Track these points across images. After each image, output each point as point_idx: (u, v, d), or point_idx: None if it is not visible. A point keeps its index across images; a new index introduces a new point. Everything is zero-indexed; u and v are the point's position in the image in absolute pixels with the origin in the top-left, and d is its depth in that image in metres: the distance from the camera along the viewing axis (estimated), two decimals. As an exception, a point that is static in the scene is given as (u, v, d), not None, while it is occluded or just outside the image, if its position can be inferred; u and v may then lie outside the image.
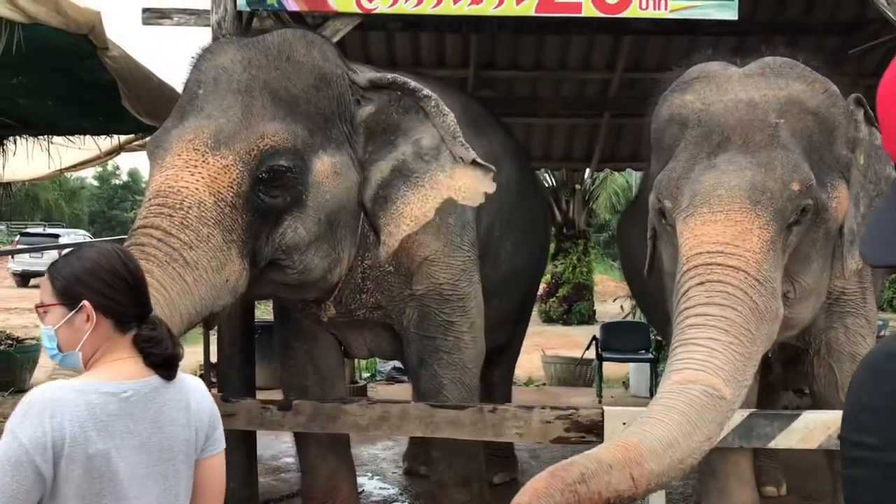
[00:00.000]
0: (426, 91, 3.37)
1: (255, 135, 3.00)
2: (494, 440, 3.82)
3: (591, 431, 3.43)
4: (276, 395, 4.02)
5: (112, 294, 1.67)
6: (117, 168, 39.88)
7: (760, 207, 2.92)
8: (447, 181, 3.29)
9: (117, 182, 40.81)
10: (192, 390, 1.78)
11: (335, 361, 4.03)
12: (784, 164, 2.99)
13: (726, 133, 3.10)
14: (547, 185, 13.54)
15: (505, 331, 4.91)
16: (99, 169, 38.17)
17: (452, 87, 5.43)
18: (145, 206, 2.90)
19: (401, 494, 5.23)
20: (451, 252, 3.67)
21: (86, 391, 1.61)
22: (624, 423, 3.35)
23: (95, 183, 41.49)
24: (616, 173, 16.29)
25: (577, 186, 13.93)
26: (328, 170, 3.17)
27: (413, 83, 3.40)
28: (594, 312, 15.83)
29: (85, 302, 1.65)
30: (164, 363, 1.70)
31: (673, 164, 3.19)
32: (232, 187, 2.92)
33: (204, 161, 2.92)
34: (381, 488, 5.31)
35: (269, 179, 3.00)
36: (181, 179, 2.88)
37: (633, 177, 16.67)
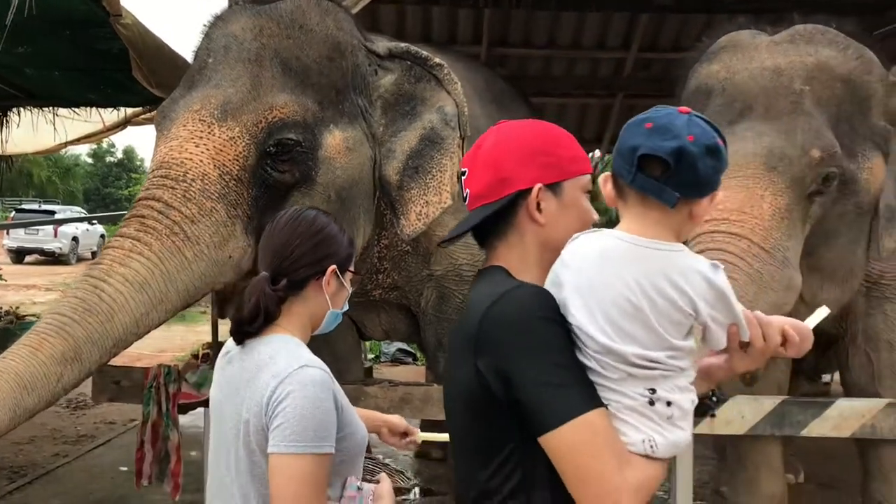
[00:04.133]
0: (437, 59, 3.29)
1: (264, 106, 2.88)
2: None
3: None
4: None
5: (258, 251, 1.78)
6: (112, 145, 39.67)
7: (776, 174, 2.82)
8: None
9: (112, 159, 40.55)
10: (269, 366, 1.60)
11: (352, 343, 3.95)
12: (805, 130, 2.89)
13: (749, 101, 3.02)
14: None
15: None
16: (94, 146, 38.00)
17: (475, 60, 5.31)
18: (148, 177, 2.82)
19: (414, 477, 5.15)
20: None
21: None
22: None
23: (90, 160, 41.25)
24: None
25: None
26: (340, 145, 3.04)
27: (424, 52, 3.31)
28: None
29: None
30: (231, 323, 1.71)
31: None
32: (238, 160, 2.81)
33: (210, 132, 2.81)
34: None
35: (276, 153, 2.88)
36: (185, 151, 2.78)
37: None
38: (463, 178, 1.47)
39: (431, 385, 3.61)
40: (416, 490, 4.87)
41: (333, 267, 1.72)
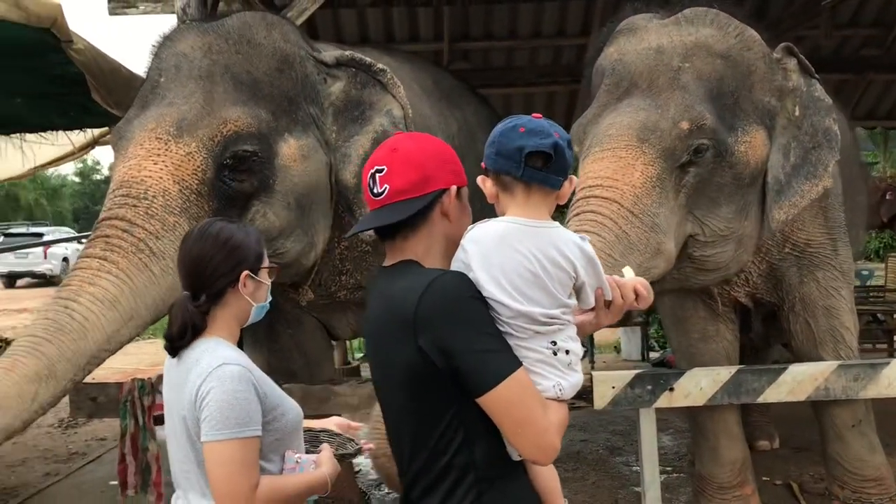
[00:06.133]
0: (380, 65, 3.38)
1: (218, 120, 2.96)
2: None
3: (581, 397, 3.43)
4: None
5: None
6: (97, 163, 39.66)
7: (647, 145, 2.97)
8: None
9: (98, 177, 40.51)
10: (195, 368, 1.78)
11: (321, 344, 4.01)
12: (678, 104, 3.03)
13: (634, 79, 3.16)
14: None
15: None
16: (79, 165, 37.99)
17: (424, 59, 5.39)
18: (109, 197, 2.86)
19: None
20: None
21: None
22: (613, 387, 3.38)
23: (77, 179, 41.24)
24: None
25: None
26: (295, 153, 3.12)
27: (367, 59, 3.39)
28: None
29: None
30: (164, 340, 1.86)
31: (586, 111, 3.26)
32: (196, 174, 2.88)
33: (167, 149, 2.88)
34: (377, 466, 5.33)
35: (234, 165, 2.95)
36: (144, 169, 2.84)
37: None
38: (379, 174, 1.59)
39: (398, 379, 3.70)
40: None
41: (246, 273, 1.86)
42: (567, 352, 1.55)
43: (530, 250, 1.52)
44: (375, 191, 1.61)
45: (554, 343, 1.54)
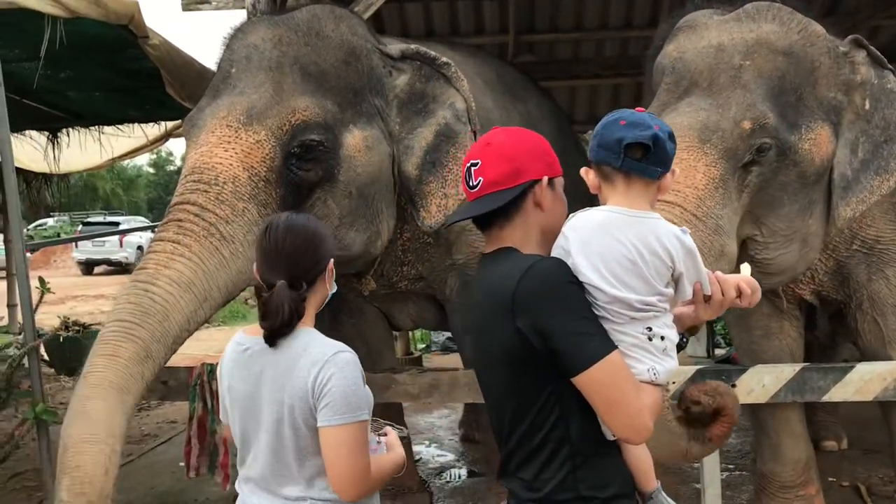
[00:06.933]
0: (444, 58, 3.41)
1: (287, 110, 3.02)
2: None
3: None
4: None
5: (260, 261, 1.94)
6: (171, 154, 40.66)
7: (709, 146, 2.91)
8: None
9: (172, 168, 41.57)
10: (303, 357, 1.85)
11: (383, 333, 4.08)
12: (739, 103, 2.97)
13: (694, 78, 3.11)
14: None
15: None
16: (153, 156, 39.02)
17: (487, 53, 5.41)
18: (181, 182, 2.95)
19: (457, 461, 5.31)
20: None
21: (235, 339, 2.00)
22: (674, 382, 3.36)
23: (151, 170, 42.37)
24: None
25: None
26: (359, 143, 3.18)
27: (432, 52, 3.43)
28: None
29: (254, 265, 1.98)
30: (263, 331, 1.89)
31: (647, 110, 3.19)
32: (265, 162, 2.95)
33: (237, 137, 2.95)
34: (438, 455, 5.41)
35: (300, 154, 3.01)
36: (215, 156, 2.92)
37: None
38: (474, 168, 1.70)
39: (458, 370, 3.74)
40: (463, 471, 5.03)
41: (332, 261, 1.97)
42: (662, 338, 1.61)
43: (629, 239, 1.59)
44: (471, 183, 1.71)
45: (649, 329, 1.61)
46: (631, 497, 1.71)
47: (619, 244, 1.59)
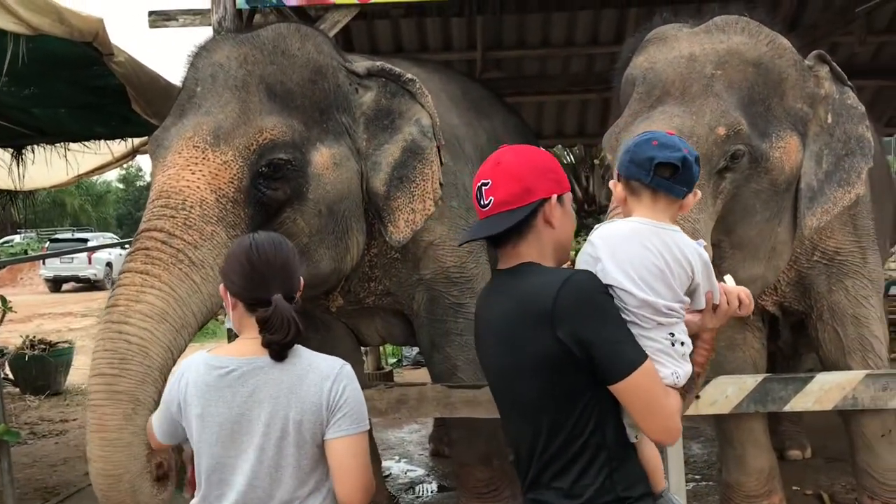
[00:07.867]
0: (409, 75, 3.45)
1: (254, 129, 3.02)
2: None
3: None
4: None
5: (236, 279, 1.95)
6: (140, 170, 40.29)
7: None
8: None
9: (141, 184, 41.20)
10: (310, 373, 1.89)
11: (350, 349, 4.07)
12: (713, 110, 3.03)
13: (666, 87, 3.16)
14: (565, 162, 13.46)
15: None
16: (122, 172, 38.66)
17: (453, 69, 5.45)
18: (149, 208, 2.92)
19: (427, 475, 5.31)
20: (456, 235, 3.67)
21: (203, 362, 1.95)
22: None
23: (121, 186, 41.96)
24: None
25: (596, 161, 13.81)
26: (328, 161, 3.19)
27: (397, 69, 3.46)
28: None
29: (221, 286, 2.01)
30: (272, 345, 1.90)
31: (618, 119, 3.27)
32: (233, 183, 2.94)
33: (204, 158, 2.94)
34: (408, 471, 5.40)
35: (269, 173, 3.01)
36: (182, 179, 2.90)
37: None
38: (485, 187, 1.79)
39: (426, 384, 3.76)
40: (433, 486, 5.03)
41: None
42: (682, 343, 1.74)
43: (657, 247, 1.73)
44: (483, 202, 1.79)
45: (672, 335, 1.73)
46: (651, 495, 1.82)
47: (648, 252, 1.72)
